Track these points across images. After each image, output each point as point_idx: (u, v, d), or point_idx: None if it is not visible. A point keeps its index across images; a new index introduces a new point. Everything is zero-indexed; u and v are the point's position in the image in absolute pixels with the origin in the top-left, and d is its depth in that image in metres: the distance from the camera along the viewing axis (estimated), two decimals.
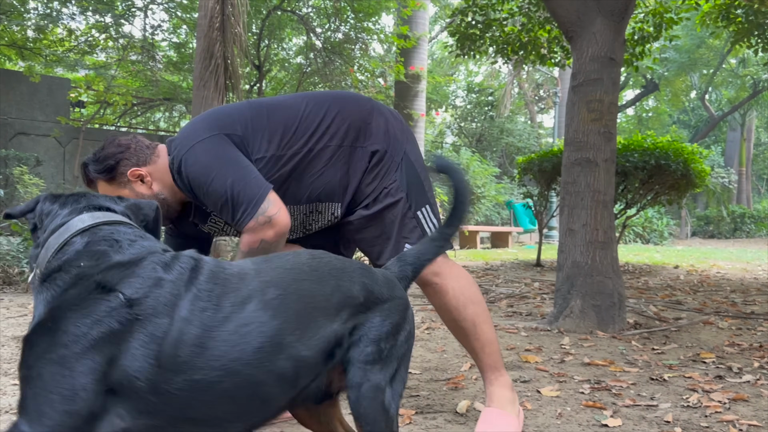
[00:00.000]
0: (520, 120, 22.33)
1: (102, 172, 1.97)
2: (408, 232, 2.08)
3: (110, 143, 2.02)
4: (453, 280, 2.08)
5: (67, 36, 12.04)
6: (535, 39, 8.14)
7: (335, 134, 2.04)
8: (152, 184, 1.99)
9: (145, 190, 1.98)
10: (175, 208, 2.06)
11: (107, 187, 1.98)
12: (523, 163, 8.35)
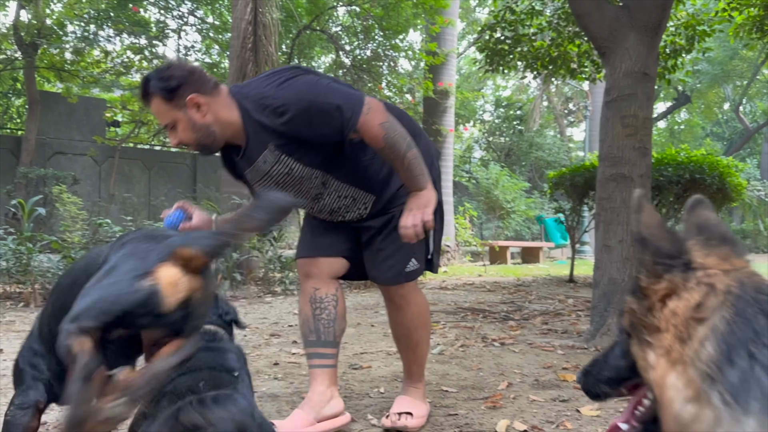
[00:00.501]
0: (550, 134, 22.20)
1: (163, 90, 1.97)
2: (416, 248, 2.23)
3: (177, 65, 2.07)
4: (414, 305, 2.35)
5: (103, 58, 12.39)
6: (565, 53, 8.11)
7: None
8: (207, 114, 2.01)
9: (199, 118, 2.01)
10: (219, 143, 2.09)
11: (162, 105, 1.99)
12: (555, 178, 8.29)
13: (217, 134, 2.06)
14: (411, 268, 2.26)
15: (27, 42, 10.92)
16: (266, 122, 2.01)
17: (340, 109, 1.96)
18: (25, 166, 10.66)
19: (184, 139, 2.06)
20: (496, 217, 15.61)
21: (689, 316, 0.83)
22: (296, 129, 2.00)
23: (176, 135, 2.06)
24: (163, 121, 2.05)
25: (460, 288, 7.51)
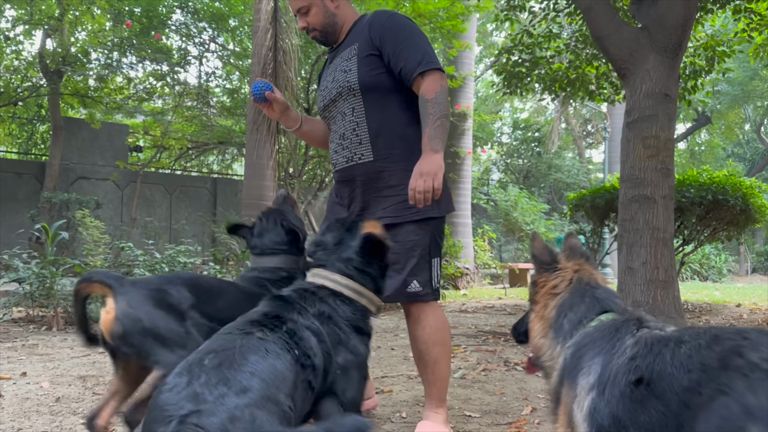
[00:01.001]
0: (569, 155, 22.11)
1: None
2: (420, 270, 2.32)
3: None
4: (432, 320, 2.37)
5: (126, 84, 12.63)
6: (583, 75, 8.11)
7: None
8: (339, 7, 2.44)
9: (332, 7, 2.42)
10: (336, 35, 2.48)
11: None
12: (575, 200, 8.23)
13: (338, 26, 2.44)
14: (413, 289, 2.31)
15: (52, 69, 11.18)
16: (371, 25, 2.36)
17: (426, 53, 2.27)
18: (49, 190, 10.84)
19: (313, 23, 2.43)
20: (515, 239, 15.51)
21: (548, 292, 1.55)
22: (382, 43, 2.31)
23: (305, 19, 2.43)
24: (300, 4, 2.41)
25: (481, 311, 7.44)
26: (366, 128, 2.34)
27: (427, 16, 9.65)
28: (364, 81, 2.32)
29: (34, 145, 14.36)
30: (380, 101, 2.33)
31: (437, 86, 2.22)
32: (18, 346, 4.66)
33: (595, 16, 4.12)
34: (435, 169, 2.15)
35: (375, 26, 2.34)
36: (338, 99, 2.41)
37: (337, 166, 2.45)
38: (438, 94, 2.21)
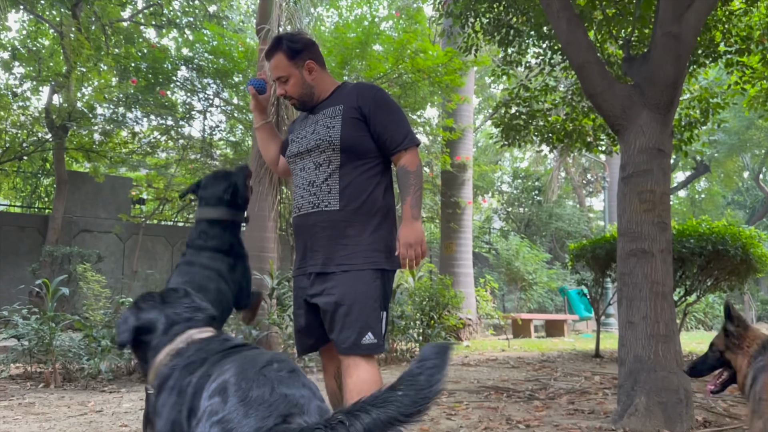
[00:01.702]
0: (569, 204, 22.19)
1: (289, 50, 2.57)
2: (374, 323, 2.40)
3: (304, 36, 2.70)
4: (363, 370, 2.39)
5: (131, 138, 12.82)
6: (580, 127, 8.22)
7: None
8: (315, 79, 2.61)
9: (308, 77, 2.60)
10: (312, 103, 2.64)
11: (284, 60, 2.58)
12: (576, 250, 8.23)
13: (315, 96, 2.62)
14: (367, 341, 2.39)
15: (58, 124, 11.36)
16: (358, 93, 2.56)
17: (410, 131, 2.56)
18: (51, 244, 10.88)
19: (291, 92, 2.62)
20: (517, 289, 15.43)
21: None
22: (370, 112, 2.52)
23: (284, 87, 2.61)
24: (279, 72, 2.60)
25: (483, 364, 7.36)
26: (338, 180, 2.51)
27: (426, 72, 9.88)
28: (346, 139, 2.50)
29: (37, 199, 14.49)
30: (356, 160, 2.53)
31: (418, 161, 2.50)
32: (14, 405, 4.61)
33: (587, 74, 4.21)
34: (420, 237, 2.43)
35: (364, 95, 2.55)
36: (315, 150, 2.56)
37: (301, 210, 2.58)
38: (418, 167, 2.50)
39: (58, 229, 11.20)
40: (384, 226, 2.52)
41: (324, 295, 2.45)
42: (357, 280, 2.41)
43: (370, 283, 2.42)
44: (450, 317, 8.45)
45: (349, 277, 2.41)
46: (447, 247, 11.89)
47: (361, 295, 2.40)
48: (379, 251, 2.47)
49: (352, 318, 2.38)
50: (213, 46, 11.29)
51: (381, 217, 2.52)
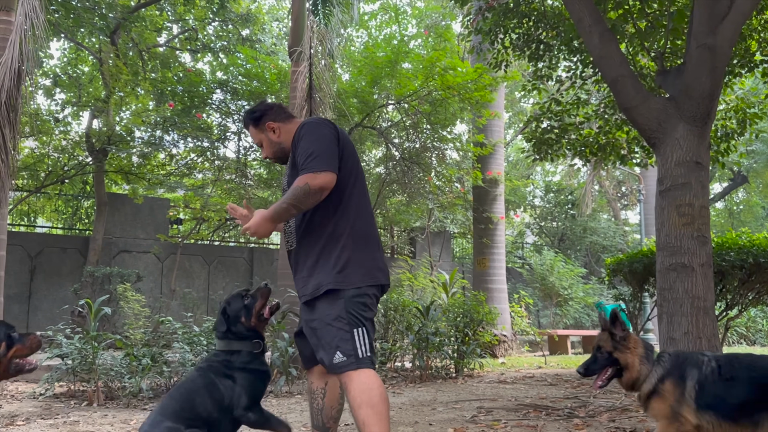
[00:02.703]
0: (604, 217, 21.88)
1: (252, 120, 2.90)
2: (342, 342, 2.55)
3: (263, 103, 2.99)
4: (356, 383, 2.53)
5: (168, 160, 13.12)
6: (614, 140, 8.15)
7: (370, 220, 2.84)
8: (280, 135, 2.87)
9: (273, 137, 2.87)
10: (285, 155, 2.89)
11: (253, 129, 2.92)
12: (612, 264, 8.12)
13: (286, 149, 2.85)
14: (337, 360, 2.55)
15: (98, 148, 11.71)
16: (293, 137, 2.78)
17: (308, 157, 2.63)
18: (92, 265, 11.15)
19: (266, 153, 2.94)
20: (553, 305, 15.24)
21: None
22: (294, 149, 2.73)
23: (264, 151, 2.94)
24: (255, 140, 2.95)
25: (520, 381, 7.28)
26: (294, 221, 2.80)
27: (456, 89, 9.92)
28: (288, 184, 2.74)
29: (78, 221, 14.87)
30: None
31: (302, 183, 2.58)
32: (59, 423, 4.73)
33: (621, 88, 4.20)
34: (258, 231, 2.65)
35: (294, 138, 2.76)
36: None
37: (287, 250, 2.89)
38: (298, 188, 2.58)
39: (99, 250, 11.48)
40: (331, 250, 2.67)
41: (306, 320, 2.72)
42: (316, 307, 2.63)
43: (328, 307, 2.60)
44: (485, 333, 8.40)
45: (310, 306, 2.66)
46: (480, 262, 11.84)
47: (320, 321, 2.60)
48: (328, 274, 2.63)
49: (321, 342, 2.60)
50: (246, 69, 11.52)
51: (326, 243, 2.69)
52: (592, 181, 19.36)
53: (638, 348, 2.81)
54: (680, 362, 2.74)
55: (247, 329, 2.84)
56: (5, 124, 7.08)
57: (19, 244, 11.07)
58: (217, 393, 2.68)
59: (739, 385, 2.60)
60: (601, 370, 2.84)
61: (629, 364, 2.78)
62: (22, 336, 2.52)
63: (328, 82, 9.22)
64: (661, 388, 2.70)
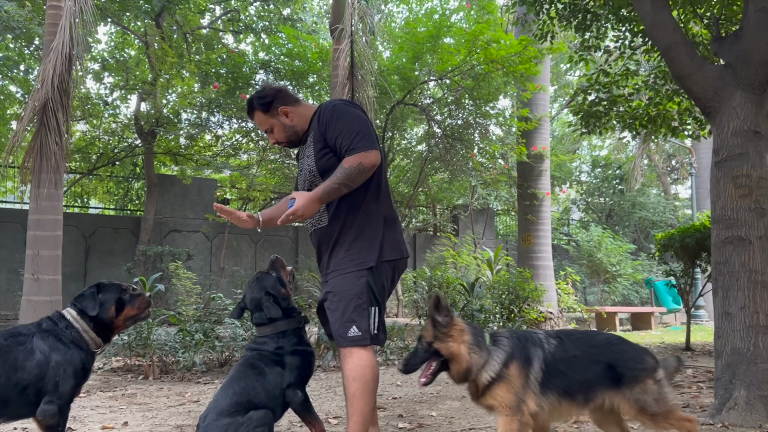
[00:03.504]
0: (653, 192, 21.33)
1: (261, 106, 2.86)
2: (358, 318, 2.64)
3: (269, 87, 2.93)
4: (356, 358, 2.64)
5: (214, 141, 13.34)
6: (665, 112, 7.90)
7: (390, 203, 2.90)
8: (293, 119, 2.87)
9: (287, 121, 2.87)
10: (297, 138, 2.92)
11: (262, 116, 2.89)
12: (663, 240, 7.94)
13: (298, 132, 2.89)
14: (352, 334, 2.64)
15: (146, 130, 11.98)
16: (318, 118, 2.79)
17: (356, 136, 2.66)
18: (144, 244, 11.48)
19: (278, 138, 2.93)
20: (600, 281, 15.00)
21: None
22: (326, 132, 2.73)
23: (273, 136, 2.93)
24: (263, 127, 2.93)
25: None
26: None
27: (500, 62, 9.74)
28: (319, 165, 2.77)
29: (129, 201, 15.30)
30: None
31: (356, 162, 2.63)
32: (118, 396, 4.92)
33: (675, 56, 4.05)
34: (307, 213, 2.64)
35: (321, 119, 2.76)
36: (306, 178, 2.86)
37: (309, 229, 2.93)
38: (352, 167, 2.63)
39: (150, 230, 11.80)
40: (365, 228, 2.76)
41: (326, 295, 2.78)
42: (342, 282, 2.70)
43: (354, 282, 2.68)
44: (530, 311, 8.34)
45: (337, 280, 2.72)
46: (525, 239, 11.71)
47: (346, 294, 2.67)
48: (361, 253, 2.72)
49: (337, 314, 2.67)
50: (288, 48, 11.56)
51: (362, 221, 2.76)
52: (641, 154, 18.84)
53: (464, 335, 2.49)
54: (522, 343, 2.54)
55: (288, 304, 2.86)
56: (58, 108, 7.30)
57: (74, 224, 11.47)
58: (269, 384, 2.70)
59: (582, 362, 2.52)
60: (422, 364, 2.52)
61: (454, 354, 2.47)
62: (132, 297, 2.78)
63: (369, 59, 9.19)
64: (507, 373, 2.45)
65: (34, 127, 7.37)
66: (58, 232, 7.12)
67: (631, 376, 2.51)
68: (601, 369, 2.53)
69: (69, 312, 2.68)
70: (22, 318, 6.81)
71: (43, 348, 2.53)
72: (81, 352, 2.60)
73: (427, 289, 8.25)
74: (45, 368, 2.50)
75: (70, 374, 2.53)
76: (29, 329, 2.61)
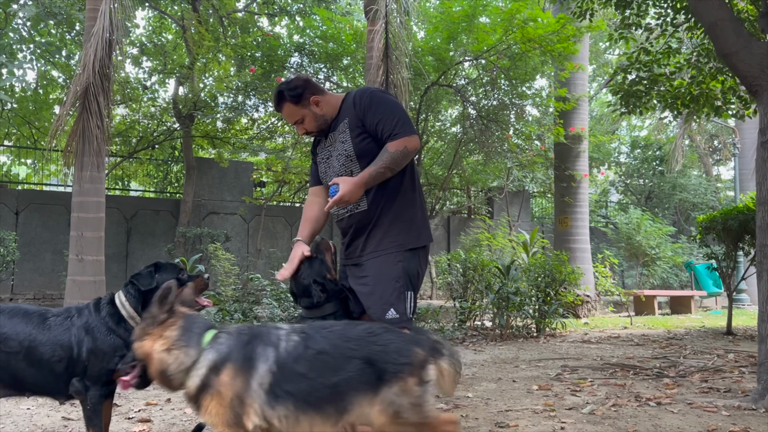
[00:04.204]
0: (694, 174, 20.80)
1: (292, 97, 2.84)
2: (396, 301, 2.67)
3: (297, 79, 2.90)
4: None
5: (250, 125, 13.45)
6: (708, 91, 7.68)
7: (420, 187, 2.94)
8: (323, 108, 2.87)
9: (317, 110, 2.87)
10: (327, 126, 2.91)
11: (292, 107, 2.87)
12: (705, 222, 7.76)
13: (328, 120, 2.89)
14: (390, 316, 2.66)
15: (184, 114, 12.13)
16: (354, 103, 2.80)
17: (398, 121, 2.72)
18: (183, 226, 11.69)
19: (309, 128, 2.92)
20: (639, 265, 14.76)
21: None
22: (365, 117, 2.75)
23: (303, 126, 2.92)
24: (294, 118, 2.91)
25: (605, 341, 7.15)
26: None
27: (537, 41, 9.57)
28: (358, 149, 2.78)
29: (169, 184, 15.57)
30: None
31: (401, 146, 2.68)
32: None
33: (720, 33, 3.93)
34: (353, 197, 2.69)
35: (358, 105, 2.79)
36: (336, 165, 2.87)
37: (339, 216, 2.91)
38: (398, 151, 2.68)
39: (189, 212, 12.02)
40: (405, 213, 2.80)
41: (359, 279, 2.79)
42: (381, 265, 2.73)
43: (393, 266, 2.72)
44: (567, 294, 8.26)
45: (375, 263, 2.74)
46: (562, 222, 11.58)
47: (384, 276, 2.70)
48: (400, 236, 2.76)
49: (375, 297, 2.69)
50: (322, 30, 11.54)
51: (401, 205, 2.80)
52: (683, 135, 18.35)
53: (169, 331, 2.07)
54: (246, 341, 2.06)
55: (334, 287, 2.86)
56: (99, 92, 7.44)
57: (115, 207, 11.74)
58: None
59: (331, 360, 2.02)
60: (131, 365, 2.15)
61: (146, 353, 2.07)
62: (190, 277, 2.76)
63: (404, 40, 9.12)
64: (217, 381, 1.98)
65: (76, 112, 7.53)
66: (101, 214, 7.30)
67: (392, 372, 1.99)
68: (356, 367, 2.01)
69: (118, 297, 2.69)
70: (67, 297, 7.02)
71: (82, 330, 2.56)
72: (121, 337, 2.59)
73: (462, 272, 8.24)
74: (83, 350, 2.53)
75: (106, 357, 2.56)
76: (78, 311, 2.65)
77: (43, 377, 2.53)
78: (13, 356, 2.48)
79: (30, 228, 11.02)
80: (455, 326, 7.72)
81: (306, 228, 2.99)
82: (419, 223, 2.85)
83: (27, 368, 2.50)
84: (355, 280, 2.83)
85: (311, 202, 3.07)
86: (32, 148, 13.36)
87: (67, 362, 2.52)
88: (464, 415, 3.42)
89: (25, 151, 13.58)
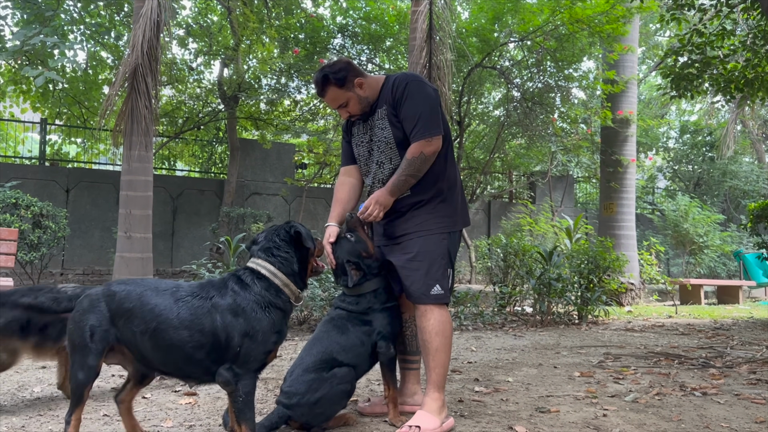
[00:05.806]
0: (746, 160, 20.11)
1: (336, 80, 2.84)
2: (441, 278, 2.81)
3: (339, 62, 2.92)
4: (438, 314, 2.81)
5: (293, 107, 13.53)
6: (763, 74, 7.41)
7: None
8: (365, 90, 2.88)
9: (361, 92, 2.88)
10: (369, 108, 2.92)
11: (337, 90, 2.87)
12: (757, 210, 7.52)
13: (370, 103, 2.91)
14: (436, 292, 2.79)
15: (229, 95, 12.27)
16: (392, 91, 2.83)
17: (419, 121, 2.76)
18: (227, 206, 11.89)
19: (353, 111, 2.92)
20: (686, 253, 14.40)
21: None
22: (399, 106, 2.80)
23: (347, 110, 2.92)
24: (338, 102, 2.90)
25: (649, 330, 7.02)
26: (387, 171, 2.92)
27: (585, 21, 9.34)
28: (397, 136, 2.84)
29: (213, 165, 15.82)
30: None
31: (417, 152, 2.75)
32: None
33: None
34: (384, 204, 2.82)
35: (395, 93, 2.83)
36: (377, 150, 2.93)
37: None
38: (414, 158, 2.76)
39: (233, 192, 12.21)
40: (448, 195, 2.89)
41: (402, 256, 2.85)
42: (427, 242, 2.81)
43: (438, 244, 2.82)
44: (611, 281, 8.12)
45: (420, 241, 2.82)
46: (607, 208, 11.36)
47: (431, 254, 2.80)
48: (445, 217, 2.86)
49: (420, 273, 2.78)
50: (365, 11, 11.49)
51: (444, 188, 2.88)
52: (735, 120, 17.72)
53: None
54: None
55: (371, 263, 2.89)
56: (147, 73, 7.57)
57: (162, 186, 12.00)
58: (353, 342, 2.82)
59: None
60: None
61: None
62: (314, 240, 2.60)
63: (448, 20, 9.00)
64: None
65: (125, 92, 7.69)
66: (149, 193, 7.46)
67: None
68: None
69: (263, 266, 2.39)
70: (116, 273, 7.23)
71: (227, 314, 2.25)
72: (282, 309, 2.36)
73: (503, 257, 8.17)
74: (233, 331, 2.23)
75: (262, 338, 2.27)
76: (218, 289, 2.34)
77: (187, 363, 2.25)
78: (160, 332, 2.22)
79: (80, 205, 11.37)
80: (494, 311, 7.68)
81: (336, 209, 3.03)
82: (461, 205, 2.96)
83: (159, 351, 2.24)
84: (397, 257, 2.89)
85: (342, 182, 3.10)
86: (82, 128, 13.71)
87: (209, 348, 2.22)
88: (504, 399, 3.41)
89: (76, 130, 13.95)
